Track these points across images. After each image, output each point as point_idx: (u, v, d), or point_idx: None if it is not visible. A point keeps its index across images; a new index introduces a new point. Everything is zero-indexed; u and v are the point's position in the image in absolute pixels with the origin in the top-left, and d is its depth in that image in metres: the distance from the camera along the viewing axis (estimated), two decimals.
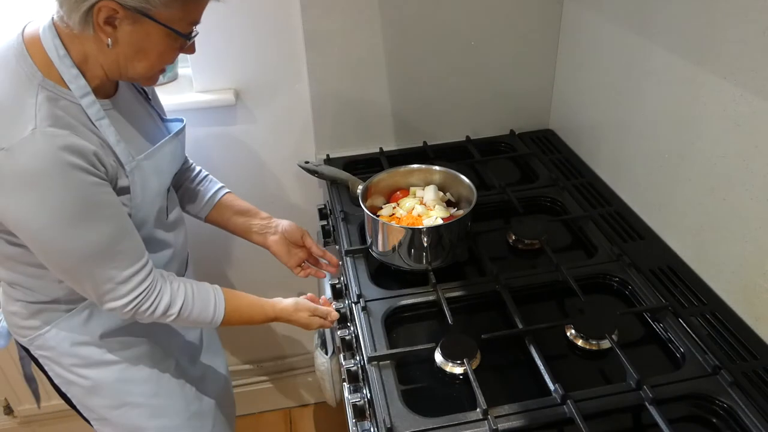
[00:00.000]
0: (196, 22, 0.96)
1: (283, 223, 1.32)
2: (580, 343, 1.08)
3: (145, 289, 0.99)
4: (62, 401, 1.19)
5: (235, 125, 1.59)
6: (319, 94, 1.57)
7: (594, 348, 1.07)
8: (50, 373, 1.14)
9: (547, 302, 1.20)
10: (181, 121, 1.17)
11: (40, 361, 1.14)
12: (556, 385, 0.96)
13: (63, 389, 1.16)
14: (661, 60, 1.21)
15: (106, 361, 1.13)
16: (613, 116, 1.42)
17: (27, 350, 1.16)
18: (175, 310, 1.03)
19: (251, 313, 1.14)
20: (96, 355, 1.12)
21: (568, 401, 0.94)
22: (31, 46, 0.91)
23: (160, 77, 1.57)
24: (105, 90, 1.00)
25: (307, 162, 1.55)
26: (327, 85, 1.57)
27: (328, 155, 1.65)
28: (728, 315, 1.09)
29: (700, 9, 1.08)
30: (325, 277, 1.38)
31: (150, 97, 1.16)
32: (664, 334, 1.09)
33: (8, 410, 1.94)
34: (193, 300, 1.05)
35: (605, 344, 1.06)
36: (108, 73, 0.96)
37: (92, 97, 0.94)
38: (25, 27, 0.94)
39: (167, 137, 1.10)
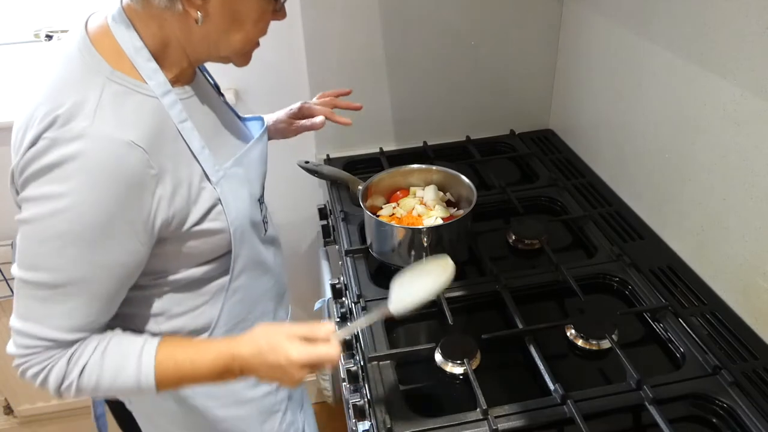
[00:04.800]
0: None
1: (275, 118, 1.26)
2: (580, 343, 1.08)
3: (32, 352, 0.78)
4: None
5: None
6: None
7: (594, 348, 1.07)
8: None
9: (547, 302, 1.20)
10: (260, 119, 1.07)
11: None
12: (556, 385, 0.96)
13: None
14: (661, 60, 1.21)
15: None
16: (613, 116, 1.42)
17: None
18: (71, 379, 0.80)
19: (200, 361, 0.84)
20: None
21: (568, 401, 0.94)
22: (98, 37, 0.80)
23: None
24: (185, 77, 0.88)
25: (307, 162, 1.55)
26: (327, 85, 1.56)
27: (328, 155, 1.65)
28: (728, 315, 1.09)
29: (700, 9, 1.08)
30: (322, 127, 1.26)
31: (222, 92, 1.03)
32: (664, 334, 1.09)
33: (8, 410, 1.94)
34: (101, 362, 0.80)
35: (605, 344, 1.06)
36: (191, 57, 0.84)
37: (174, 95, 0.82)
38: (87, 19, 0.83)
39: (255, 138, 0.98)
